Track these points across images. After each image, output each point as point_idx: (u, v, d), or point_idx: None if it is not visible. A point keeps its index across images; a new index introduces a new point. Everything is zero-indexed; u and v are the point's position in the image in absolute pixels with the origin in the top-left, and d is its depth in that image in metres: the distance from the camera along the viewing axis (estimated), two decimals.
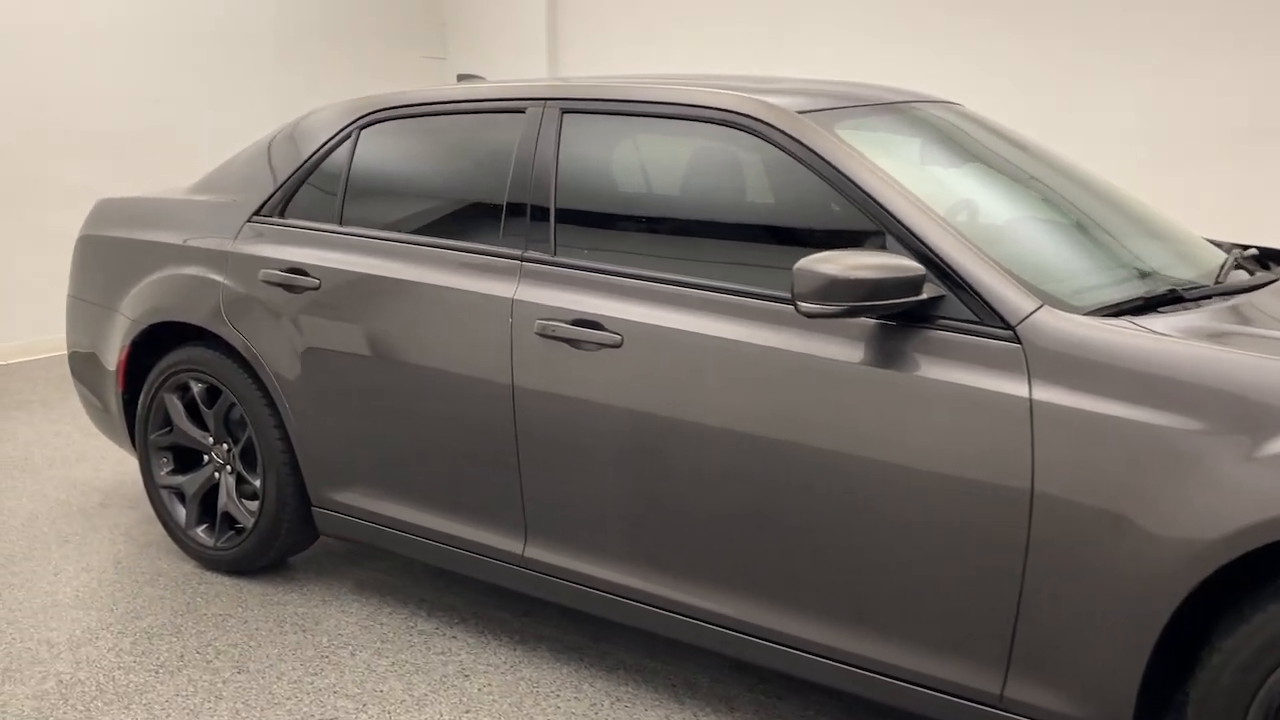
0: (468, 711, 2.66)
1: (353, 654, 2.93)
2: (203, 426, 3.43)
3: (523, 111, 2.84)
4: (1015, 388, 2.04)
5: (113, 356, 3.54)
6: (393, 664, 2.89)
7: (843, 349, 2.22)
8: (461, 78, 3.74)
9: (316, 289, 3.03)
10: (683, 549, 2.48)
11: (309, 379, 3.05)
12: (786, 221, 2.55)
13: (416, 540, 2.98)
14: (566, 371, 2.56)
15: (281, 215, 3.23)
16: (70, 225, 4.47)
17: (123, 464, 4.48)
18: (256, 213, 3.27)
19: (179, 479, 3.49)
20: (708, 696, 2.71)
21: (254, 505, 3.30)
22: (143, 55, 6.88)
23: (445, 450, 2.84)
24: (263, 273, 3.14)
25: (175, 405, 3.44)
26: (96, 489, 4.21)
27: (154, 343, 3.48)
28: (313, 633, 3.05)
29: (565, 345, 2.56)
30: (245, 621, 3.12)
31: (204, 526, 3.47)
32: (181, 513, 3.51)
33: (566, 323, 2.56)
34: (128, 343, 3.47)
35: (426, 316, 2.81)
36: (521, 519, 2.74)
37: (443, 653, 2.94)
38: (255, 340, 3.14)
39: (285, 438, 3.18)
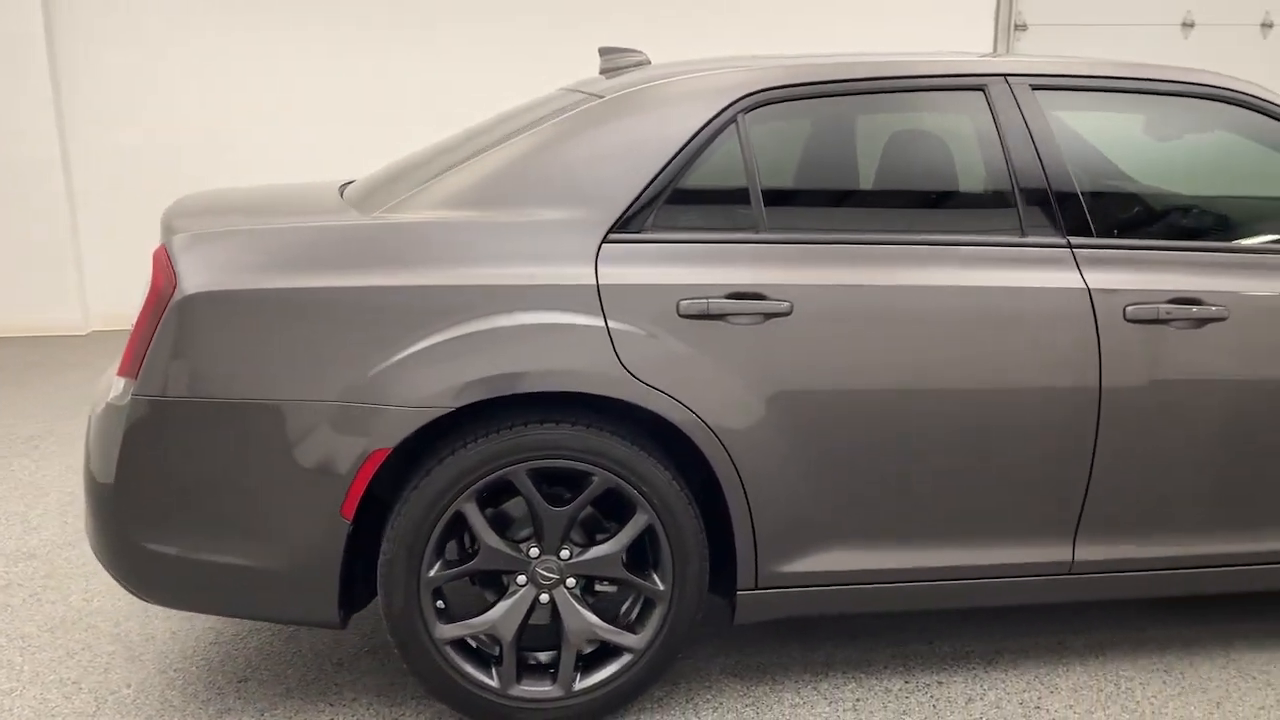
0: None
1: None
2: (505, 537, 2.43)
3: (982, 90, 2.58)
4: None
5: (326, 473, 2.27)
6: None
7: None
8: (605, 52, 3.07)
9: (787, 314, 2.38)
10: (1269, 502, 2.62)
11: (775, 430, 2.39)
12: None
13: (907, 588, 2.56)
14: (1169, 352, 2.49)
15: (652, 229, 2.42)
16: None
17: (129, 628, 2.76)
18: (614, 229, 2.39)
19: (475, 623, 2.41)
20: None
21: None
22: None
23: (977, 474, 2.49)
24: (683, 304, 2.34)
25: (479, 519, 2.37)
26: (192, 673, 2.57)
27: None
28: None
29: (1162, 327, 2.49)
30: None
31: (527, 678, 2.47)
32: (481, 670, 2.43)
33: (1164, 303, 2.49)
34: (390, 443, 2.27)
35: (966, 325, 2.43)
36: (1073, 525, 2.57)
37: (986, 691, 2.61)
38: (692, 395, 2.34)
39: (705, 514, 2.45)
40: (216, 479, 2.30)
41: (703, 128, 2.46)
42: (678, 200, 2.44)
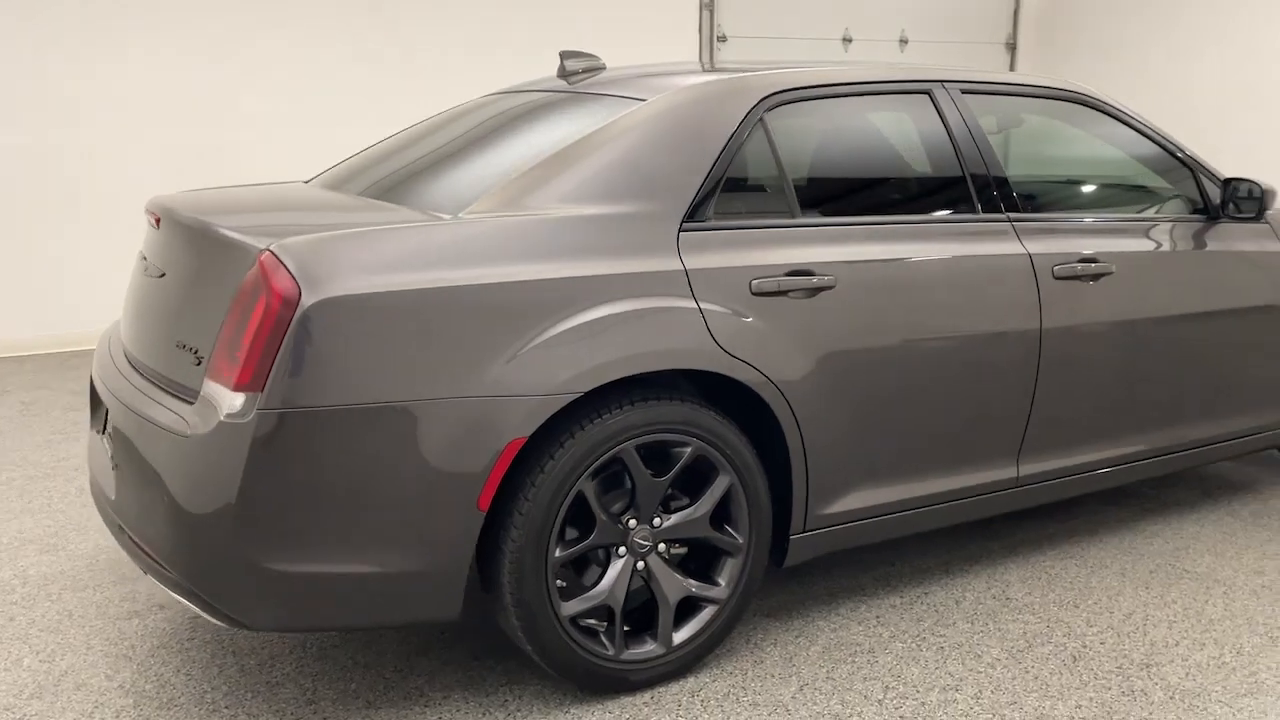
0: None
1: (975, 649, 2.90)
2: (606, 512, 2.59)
3: (928, 94, 3.09)
4: None
5: (465, 467, 2.32)
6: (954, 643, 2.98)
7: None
8: (566, 55, 3.25)
9: (833, 287, 2.73)
10: (1150, 409, 3.37)
11: (827, 389, 2.74)
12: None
13: (906, 516, 3.01)
14: (1081, 302, 3.14)
15: (715, 217, 2.67)
16: None
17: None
18: (685, 218, 2.61)
19: (592, 595, 2.55)
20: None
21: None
22: None
23: (962, 409, 3.00)
24: (755, 283, 2.62)
25: (594, 496, 2.51)
26: None
27: None
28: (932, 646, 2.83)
29: (1077, 282, 3.14)
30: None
31: (636, 642, 2.65)
32: (598, 643, 2.58)
33: (1077, 263, 3.14)
34: (526, 431, 2.36)
35: (954, 288, 2.92)
36: (1017, 446, 3.15)
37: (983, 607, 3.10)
38: (765, 363, 2.63)
39: (768, 472, 2.75)
40: (350, 487, 2.26)
41: (740, 124, 2.76)
42: (727, 190, 2.72)
